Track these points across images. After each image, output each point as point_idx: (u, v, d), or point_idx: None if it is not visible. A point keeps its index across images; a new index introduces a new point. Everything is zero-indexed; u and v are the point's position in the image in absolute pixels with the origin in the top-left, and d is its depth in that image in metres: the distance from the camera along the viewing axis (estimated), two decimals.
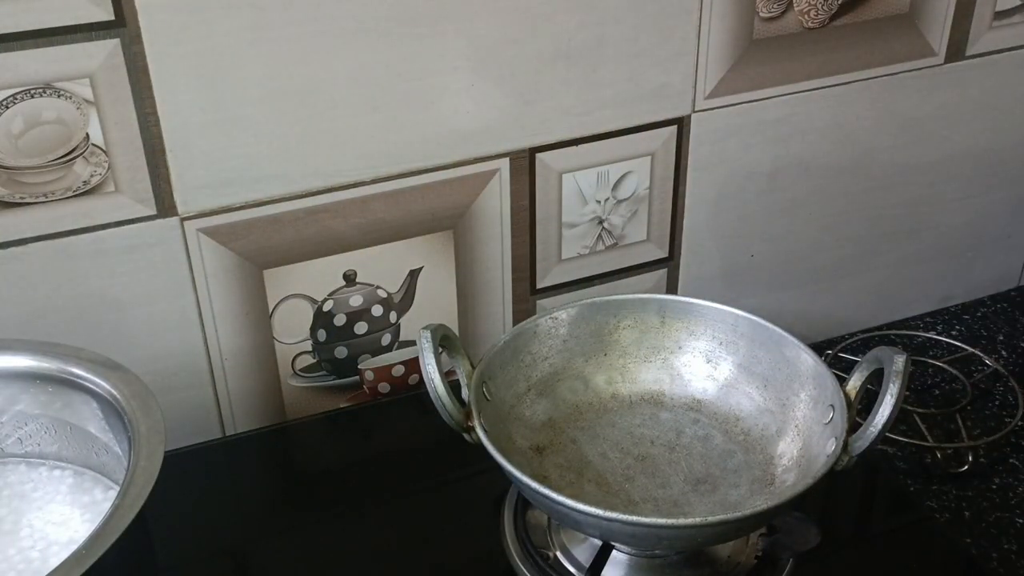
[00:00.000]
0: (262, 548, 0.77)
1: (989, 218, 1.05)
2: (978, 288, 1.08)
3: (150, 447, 0.60)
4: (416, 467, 0.83)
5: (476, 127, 0.80)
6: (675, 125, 0.86)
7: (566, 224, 0.88)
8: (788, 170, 0.93)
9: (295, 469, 0.87)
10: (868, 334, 1.02)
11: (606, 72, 0.82)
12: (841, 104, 0.91)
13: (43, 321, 0.75)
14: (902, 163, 0.97)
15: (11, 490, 0.69)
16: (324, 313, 0.84)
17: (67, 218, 0.72)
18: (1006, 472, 0.84)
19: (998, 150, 1.01)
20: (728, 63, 0.85)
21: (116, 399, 0.64)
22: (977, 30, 0.93)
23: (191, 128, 0.72)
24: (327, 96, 0.75)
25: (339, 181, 0.78)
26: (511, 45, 0.78)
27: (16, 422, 0.69)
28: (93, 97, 0.69)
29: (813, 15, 0.86)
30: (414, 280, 0.85)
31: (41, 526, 0.66)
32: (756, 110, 0.88)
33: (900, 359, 0.67)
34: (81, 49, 0.67)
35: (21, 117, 0.68)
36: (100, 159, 0.71)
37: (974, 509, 0.81)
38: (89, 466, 0.70)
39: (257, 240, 0.78)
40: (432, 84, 0.77)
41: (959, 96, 0.96)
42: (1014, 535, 0.78)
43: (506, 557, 0.73)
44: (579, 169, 0.85)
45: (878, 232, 1.00)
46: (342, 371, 0.88)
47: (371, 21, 0.73)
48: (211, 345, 0.81)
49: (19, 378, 0.67)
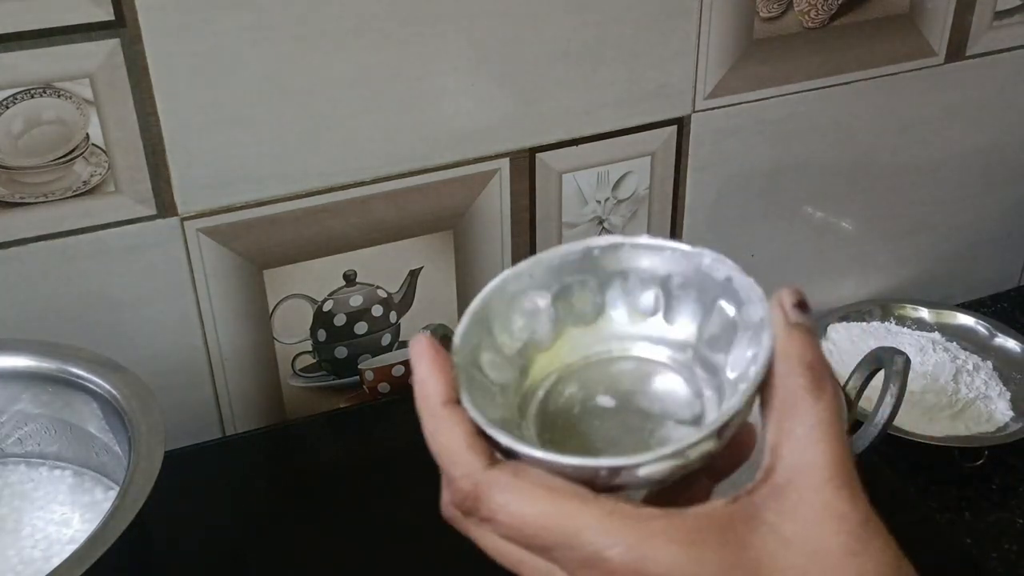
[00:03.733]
0: (262, 548, 0.76)
1: (989, 218, 1.05)
2: (978, 288, 1.07)
3: (150, 447, 0.60)
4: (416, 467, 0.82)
5: (476, 127, 0.80)
6: (675, 125, 0.86)
7: (566, 224, 0.88)
8: (788, 170, 0.92)
9: (295, 469, 0.87)
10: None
11: (606, 72, 0.81)
12: (841, 104, 0.91)
13: (43, 321, 0.75)
14: (902, 163, 0.97)
15: (11, 490, 0.69)
16: (324, 313, 0.84)
17: (67, 218, 0.72)
18: (1006, 472, 0.84)
19: (998, 150, 1.01)
20: (728, 63, 0.85)
21: (116, 399, 0.64)
22: (977, 30, 0.93)
23: (191, 128, 0.72)
24: (328, 96, 0.75)
25: (339, 181, 0.78)
26: (511, 45, 0.78)
27: (16, 422, 0.69)
28: (93, 97, 0.69)
29: (813, 15, 0.86)
30: (414, 280, 0.85)
31: (43, 526, 0.66)
32: (756, 110, 0.88)
33: (900, 359, 0.67)
34: (81, 49, 0.67)
35: (21, 117, 0.68)
36: (100, 159, 0.71)
37: (974, 509, 0.81)
38: (89, 466, 0.70)
39: (257, 240, 0.78)
40: (432, 84, 0.77)
41: (959, 96, 0.96)
42: (1014, 535, 0.78)
43: None
44: (579, 169, 0.85)
45: (878, 232, 1.00)
46: (342, 371, 0.87)
47: (371, 21, 0.73)
48: (211, 345, 0.81)
49: (19, 378, 0.67)
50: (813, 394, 0.33)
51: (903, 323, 0.98)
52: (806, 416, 0.33)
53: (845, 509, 0.32)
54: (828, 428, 0.33)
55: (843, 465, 0.32)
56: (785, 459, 0.33)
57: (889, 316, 0.99)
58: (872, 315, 0.99)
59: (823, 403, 0.33)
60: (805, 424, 0.33)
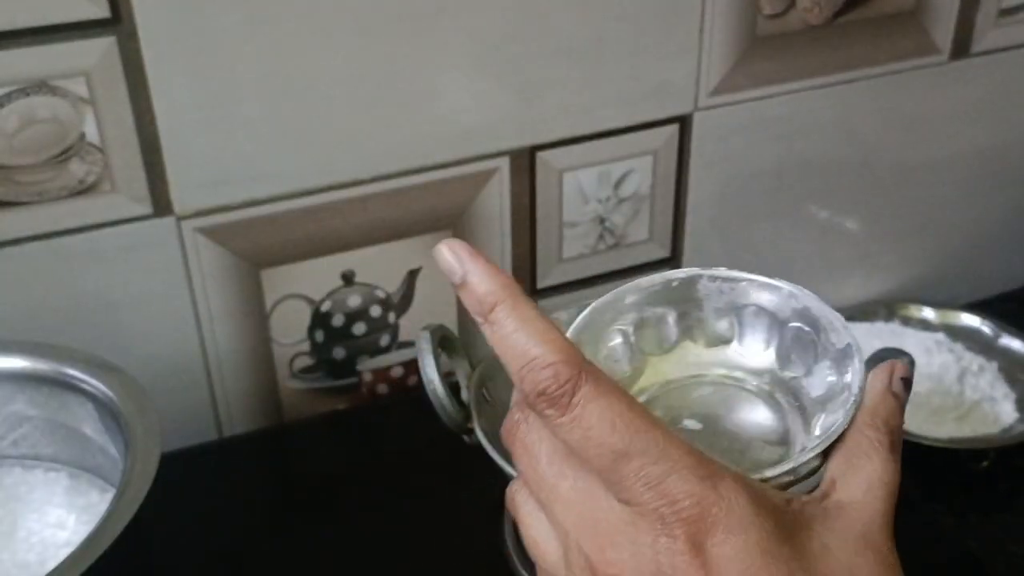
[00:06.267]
0: (259, 550, 0.76)
1: (995, 217, 1.04)
2: (985, 288, 1.07)
3: (146, 449, 0.59)
4: (415, 469, 0.82)
5: (476, 125, 0.80)
6: (678, 123, 0.86)
7: (567, 223, 0.87)
8: (792, 168, 0.92)
9: (292, 471, 0.87)
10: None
11: (608, 69, 0.81)
12: (845, 102, 0.91)
13: (38, 321, 0.74)
14: (907, 161, 0.97)
15: (6, 492, 0.68)
16: (322, 314, 0.83)
17: (62, 217, 0.72)
18: (1013, 474, 0.84)
19: (1003, 148, 1.00)
20: (731, 60, 0.85)
21: (112, 400, 0.63)
22: (982, 27, 0.92)
23: (188, 126, 0.72)
24: (325, 94, 0.74)
25: (338, 180, 0.78)
26: (511, 42, 0.77)
27: (11, 424, 0.68)
28: (89, 95, 0.69)
29: (817, 12, 0.85)
30: (413, 280, 0.85)
31: (38, 529, 0.66)
32: (759, 108, 0.88)
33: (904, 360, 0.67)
34: (77, 47, 0.67)
35: (15, 115, 0.68)
36: (96, 158, 0.71)
37: (980, 512, 0.81)
38: (85, 468, 0.69)
39: (254, 239, 0.78)
40: (431, 81, 0.77)
41: (965, 94, 0.95)
42: (1021, 538, 0.78)
43: (505, 560, 0.73)
44: (580, 168, 0.85)
45: (883, 231, 1.00)
46: (340, 372, 0.87)
47: (370, 18, 0.73)
48: (208, 346, 0.81)
49: (13, 379, 0.67)
50: (890, 453, 0.35)
51: (908, 323, 0.98)
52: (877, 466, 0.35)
53: (886, 550, 0.34)
54: (893, 490, 0.35)
55: (891, 525, 0.35)
56: (841, 492, 0.34)
57: (894, 316, 0.99)
58: (877, 315, 0.99)
59: (894, 467, 0.35)
60: (874, 474, 0.35)
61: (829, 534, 0.33)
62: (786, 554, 0.31)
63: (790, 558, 0.31)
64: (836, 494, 0.34)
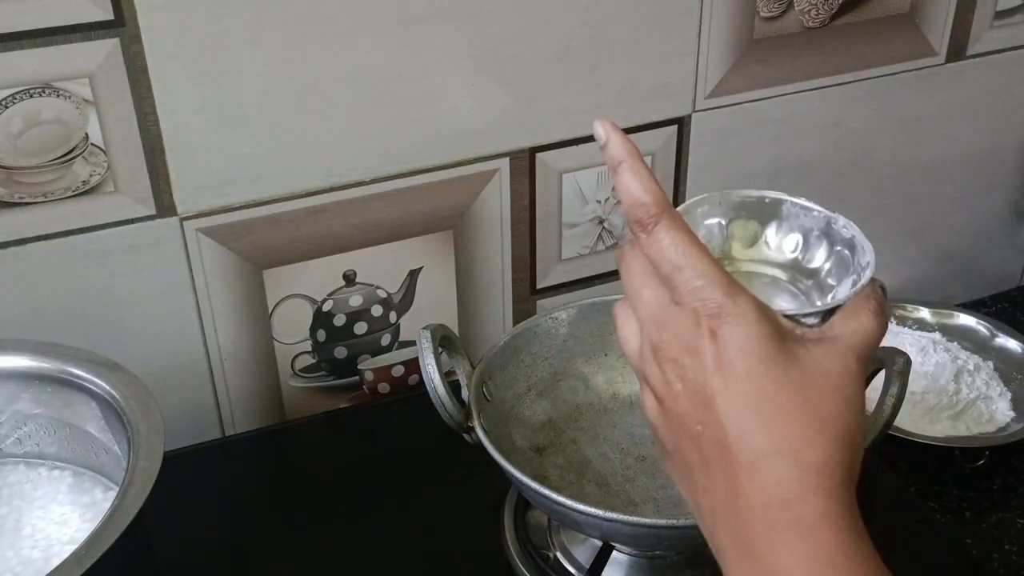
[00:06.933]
0: (261, 548, 0.76)
1: (990, 218, 1.05)
2: (979, 288, 1.07)
3: (149, 447, 0.60)
4: (416, 467, 0.82)
5: (476, 127, 0.80)
6: (675, 125, 0.86)
7: (566, 224, 0.88)
8: (788, 170, 0.92)
9: (294, 469, 0.87)
10: None
11: (606, 72, 0.81)
12: (842, 104, 0.91)
13: (42, 321, 0.74)
14: (903, 163, 0.97)
15: (11, 490, 0.69)
16: (324, 313, 0.84)
17: (66, 218, 0.72)
18: (1007, 473, 0.84)
19: (999, 150, 1.01)
20: (729, 63, 0.85)
21: (115, 399, 0.64)
22: (978, 30, 0.93)
23: (190, 128, 0.72)
24: (327, 95, 0.75)
25: (339, 181, 0.78)
26: (511, 44, 0.78)
27: (15, 422, 0.69)
28: (92, 97, 0.69)
29: (814, 15, 0.86)
30: (414, 280, 0.85)
31: (42, 526, 0.66)
32: (757, 110, 0.88)
33: (900, 359, 0.67)
34: (80, 49, 0.67)
35: (20, 117, 0.68)
36: (99, 159, 0.71)
37: (975, 510, 0.81)
38: (88, 466, 0.70)
39: (257, 240, 0.78)
40: (432, 83, 0.77)
41: (960, 96, 0.95)
42: (1015, 536, 0.78)
43: (506, 557, 0.73)
44: (579, 169, 0.85)
45: (878, 232, 0.99)
46: (342, 371, 0.87)
47: (371, 20, 0.73)
48: (210, 345, 0.81)
49: (18, 378, 0.67)
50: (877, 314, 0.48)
51: (904, 323, 0.98)
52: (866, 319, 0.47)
53: (856, 371, 0.46)
54: (873, 336, 0.47)
55: (867, 360, 0.47)
56: (836, 329, 0.46)
57: (890, 316, 0.99)
58: None
59: (881, 320, 0.48)
60: (865, 316, 0.47)
61: (816, 347, 0.45)
62: (776, 346, 0.44)
63: (778, 351, 0.44)
64: (831, 331, 0.46)
